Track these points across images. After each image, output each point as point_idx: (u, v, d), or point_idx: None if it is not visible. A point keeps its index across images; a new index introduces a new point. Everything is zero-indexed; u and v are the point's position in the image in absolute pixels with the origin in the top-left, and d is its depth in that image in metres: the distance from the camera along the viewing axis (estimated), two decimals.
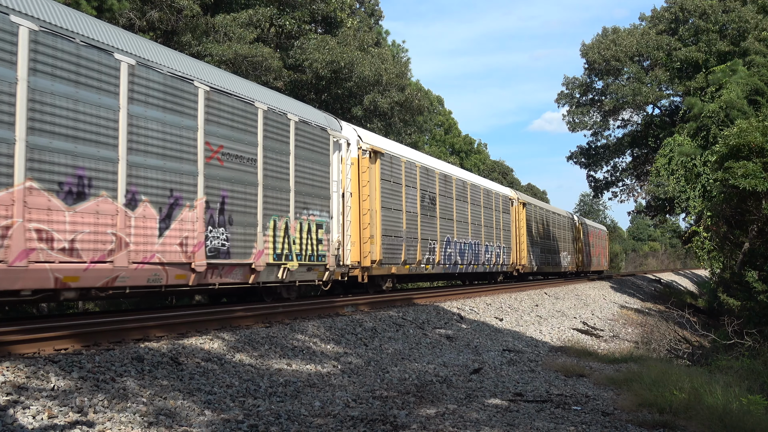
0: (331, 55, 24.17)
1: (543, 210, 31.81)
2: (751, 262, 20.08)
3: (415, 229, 16.98)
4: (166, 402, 5.52)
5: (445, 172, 19.70)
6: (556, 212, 34.92)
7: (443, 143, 53.27)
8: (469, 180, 21.95)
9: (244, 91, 10.94)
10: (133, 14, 18.56)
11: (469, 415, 6.33)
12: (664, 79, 36.12)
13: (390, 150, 16.01)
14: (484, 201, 22.88)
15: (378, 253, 14.79)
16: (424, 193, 17.70)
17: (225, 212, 10.17)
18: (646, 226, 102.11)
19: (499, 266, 23.77)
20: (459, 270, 20.08)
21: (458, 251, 19.95)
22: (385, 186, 15.42)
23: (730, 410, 6.92)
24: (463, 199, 20.81)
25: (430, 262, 17.83)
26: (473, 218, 21.64)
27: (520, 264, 26.37)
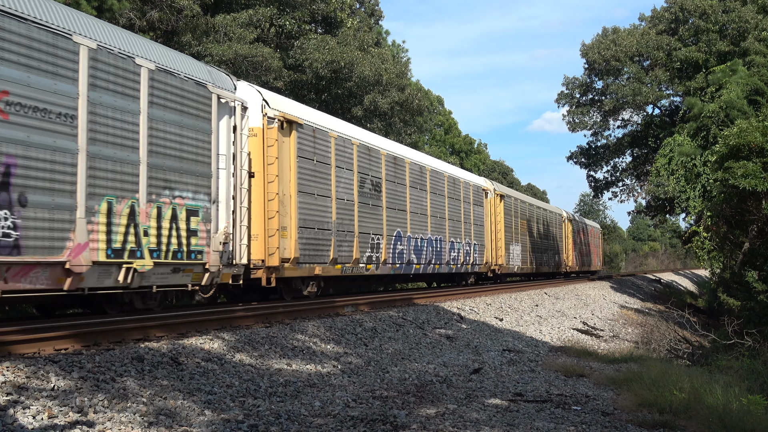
0: (331, 55, 24.18)
1: (526, 204, 28.90)
2: (751, 262, 20.09)
3: (351, 220, 14.11)
4: (166, 402, 5.52)
5: (394, 153, 16.61)
6: (542, 207, 32.39)
7: (443, 143, 53.28)
8: (428, 165, 18.89)
9: (53, 17, 7.77)
10: (133, 14, 18.56)
11: (469, 415, 6.33)
12: (664, 79, 36.13)
13: (312, 121, 13.09)
14: (450, 190, 20.09)
15: (293, 249, 11.92)
16: (364, 178, 14.75)
17: (11, 188, 7.12)
18: (646, 226, 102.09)
19: (468, 266, 21.05)
20: (415, 270, 17.30)
21: (413, 248, 17.18)
22: (306, 166, 12.53)
23: (730, 410, 6.92)
24: (420, 187, 17.91)
25: (373, 261, 14.90)
26: (434, 210, 18.84)
27: (496, 264, 23.64)
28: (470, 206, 21.73)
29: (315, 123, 13.21)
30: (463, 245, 20.69)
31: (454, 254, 20.04)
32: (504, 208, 24.75)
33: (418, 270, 17.51)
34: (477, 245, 21.95)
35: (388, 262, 15.71)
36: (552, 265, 32.77)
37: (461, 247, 20.58)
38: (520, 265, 26.80)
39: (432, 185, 18.83)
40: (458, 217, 20.57)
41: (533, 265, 29.05)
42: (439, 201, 19.22)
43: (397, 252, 16.24)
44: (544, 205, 33.69)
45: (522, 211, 27.80)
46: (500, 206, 24.45)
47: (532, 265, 28.79)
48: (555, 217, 34.56)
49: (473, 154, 57.62)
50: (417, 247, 17.46)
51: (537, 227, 30.28)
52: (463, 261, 20.59)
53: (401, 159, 17.03)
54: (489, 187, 23.93)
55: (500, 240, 24.10)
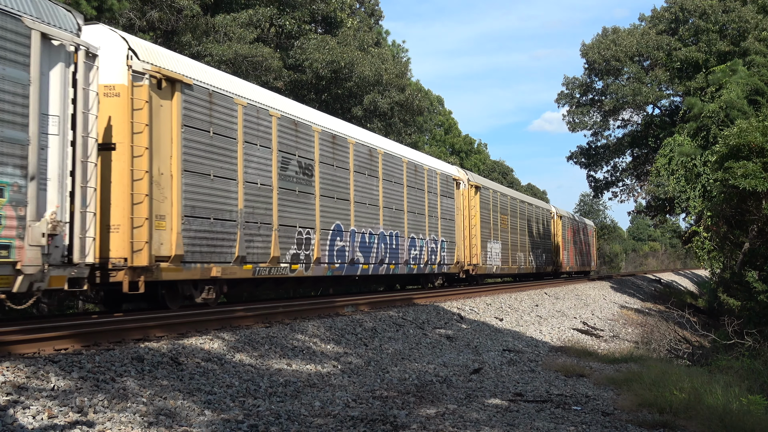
0: (331, 55, 24.18)
1: (507, 197, 26.20)
2: (751, 262, 20.09)
3: (268, 210, 11.50)
4: (166, 402, 5.52)
5: (333, 131, 13.90)
6: (527, 202, 29.90)
7: (443, 143, 53.30)
8: (380, 147, 15.99)
9: None
10: (133, 14, 18.57)
11: (469, 415, 6.33)
12: (664, 79, 36.13)
13: (208, 82, 10.38)
14: (411, 179, 17.44)
15: (174, 244, 9.32)
16: (288, 158, 12.16)
17: None
18: (646, 226, 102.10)
19: (434, 266, 18.49)
20: (362, 271, 14.70)
21: (359, 245, 14.55)
22: (197, 138, 9.92)
23: (730, 410, 6.92)
24: (369, 173, 15.25)
25: (300, 261, 12.35)
26: (389, 201, 16.14)
27: (470, 263, 21.10)
28: (437, 198, 19.07)
29: (213, 85, 10.46)
30: (427, 242, 18.11)
31: (415, 252, 17.41)
32: (480, 201, 22.22)
33: (366, 271, 14.80)
34: (446, 242, 19.39)
35: (323, 261, 13.09)
36: (539, 265, 30.52)
37: (425, 244, 17.97)
38: (500, 265, 24.25)
39: (386, 172, 16.12)
40: (421, 210, 17.95)
41: (516, 264, 26.61)
42: (395, 190, 16.53)
43: (336, 249, 13.61)
44: (530, 199, 31.30)
45: (503, 205, 25.26)
46: (476, 199, 21.87)
47: (515, 265, 26.35)
48: (543, 213, 32.32)
49: (473, 154, 57.63)
50: (364, 244, 14.77)
51: (521, 223, 27.77)
52: (427, 260, 17.98)
53: (342, 138, 14.23)
54: (461, 177, 21.27)
55: (475, 237, 21.53)
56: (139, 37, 13.00)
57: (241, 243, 10.80)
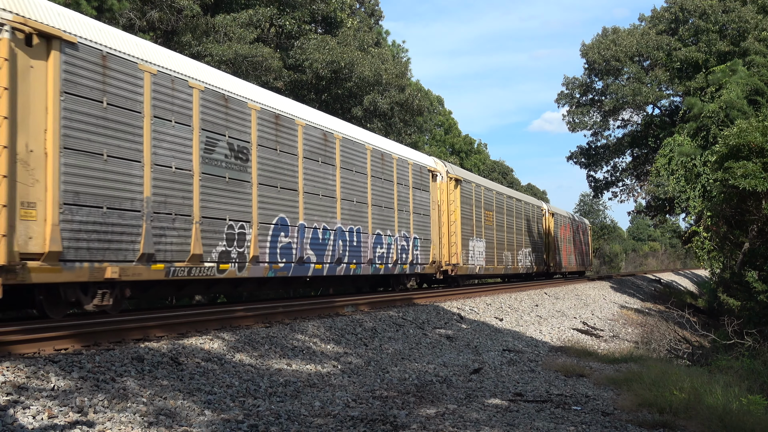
0: (331, 55, 24.19)
1: (492, 192, 24.28)
2: (751, 262, 20.10)
3: (186, 199, 9.62)
4: (166, 402, 5.52)
5: (275, 110, 11.95)
6: (515, 197, 27.87)
7: (443, 143, 53.32)
8: (338, 132, 14.05)
9: None
10: (133, 14, 18.57)
11: (469, 415, 6.33)
12: (664, 79, 36.14)
13: (101, 42, 8.58)
14: (377, 169, 15.53)
15: (48, 237, 7.59)
16: (215, 139, 10.28)
17: None
18: (646, 226, 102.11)
19: (406, 266, 16.59)
20: (314, 272, 12.85)
21: (310, 242, 12.63)
22: (82, 109, 8.16)
23: (730, 410, 6.92)
24: (323, 159, 13.32)
25: (232, 260, 10.53)
26: (349, 192, 14.22)
27: (449, 263, 19.31)
28: (408, 190, 17.10)
29: (108, 46, 8.62)
30: (396, 240, 16.12)
31: (382, 251, 15.44)
32: (461, 195, 20.40)
33: (319, 271, 12.97)
34: (419, 240, 17.47)
35: (262, 260, 11.27)
36: (529, 265, 28.81)
37: (393, 241, 15.94)
38: (484, 264, 22.42)
39: (345, 159, 14.17)
40: (389, 204, 15.94)
41: (503, 264, 24.97)
42: (356, 181, 14.60)
43: (280, 247, 11.77)
44: (518, 195, 29.47)
45: (487, 201, 23.45)
46: (455, 193, 20.01)
47: (501, 265, 24.61)
48: (533, 209, 30.48)
49: (473, 154, 57.65)
50: (317, 241, 12.92)
51: (508, 221, 26.09)
52: (396, 260, 16.01)
53: (288, 119, 12.30)
54: (438, 169, 19.33)
55: (455, 234, 19.70)
56: (139, 36, 12.99)
57: (148, 238, 8.95)
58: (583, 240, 42.43)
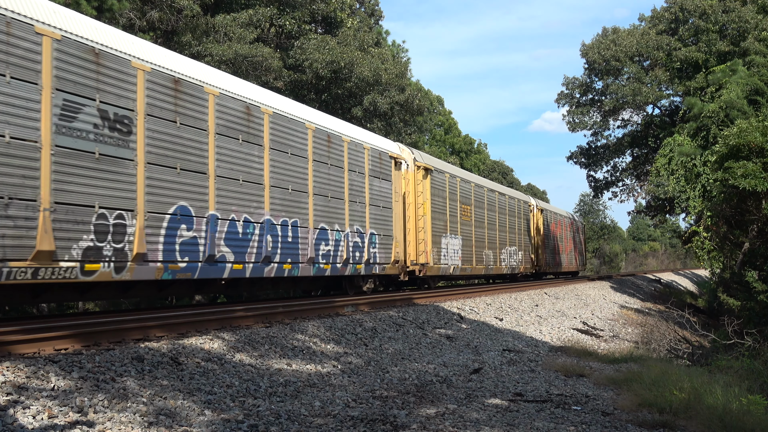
0: (331, 55, 24.20)
1: (470, 184, 22.28)
2: (751, 262, 20.10)
3: (31, 178, 7.60)
4: (166, 402, 5.52)
5: (174, 74, 9.81)
6: (497, 191, 25.70)
7: (443, 143, 53.34)
8: (267, 106, 11.76)
9: None
10: (133, 14, 18.57)
11: (469, 415, 6.33)
12: (664, 79, 36.16)
13: None
14: (320, 152, 13.26)
15: None
16: (78, 104, 8.25)
17: None
18: (646, 226, 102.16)
19: (360, 266, 14.42)
20: (231, 273, 10.59)
21: (226, 237, 10.48)
22: None
23: (730, 410, 6.92)
24: (246, 138, 11.07)
25: (105, 258, 8.48)
26: (281, 178, 11.97)
27: (417, 263, 17.08)
28: (364, 179, 14.90)
29: None
30: (347, 235, 13.98)
31: (328, 248, 13.28)
32: (432, 186, 18.29)
33: (240, 272, 10.80)
34: (378, 236, 15.27)
35: (152, 258, 9.19)
36: (514, 265, 26.83)
37: (343, 237, 13.81)
38: (460, 264, 20.42)
39: (277, 139, 11.92)
40: (338, 194, 13.83)
41: (483, 264, 22.86)
42: (293, 166, 12.41)
43: (180, 242, 9.64)
44: (502, 188, 27.28)
45: (464, 193, 21.39)
46: (425, 184, 17.86)
47: (481, 265, 22.55)
48: (519, 204, 28.18)
49: (473, 154, 57.68)
50: (235, 236, 10.71)
51: (490, 216, 24.06)
52: (347, 258, 13.88)
53: (194, 86, 10.07)
54: (404, 156, 17.12)
55: (424, 230, 17.49)
56: (139, 36, 12.98)
57: None
58: (577, 238, 40.64)
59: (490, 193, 24.54)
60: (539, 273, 31.50)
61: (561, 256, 35.32)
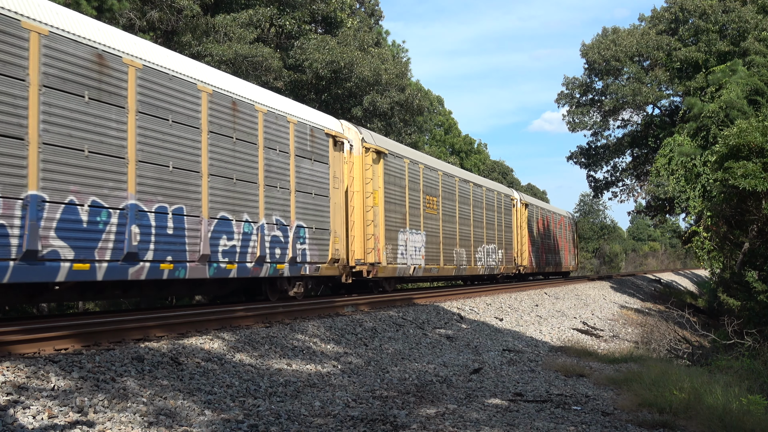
0: (331, 55, 24.20)
1: (438, 173, 19.61)
2: (751, 262, 20.10)
3: None
4: (166, 402, 5.52)
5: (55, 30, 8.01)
6: (472, 181, 22.92)
7: (443, 143, 53.35)
8: (131, 56, 9.15)
9: None
10: (133, 14, 18.57)
11: (469, 415, 6.33)
12: (664, 79, 36.15)
13: None
14: (219, 122, 10.57)
15: None
16: None
17: None
18: (646, 226, 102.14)
19: (283, 265, 11.76)
20: (71, 275, 8.06)
21: (59, 226, 7.95)
22: None
23: (730, 410, 6.92)
24: (99, 96, 8.58)
25: None
26: (156, 152, 9.43)
27: (365, 262, 14.65)
28: (288, 159, 12.14)
29: None
30: (262, 228, 11.28)
31: (232, 243, 10.62)
32: (386, 172, 15.77)
33: (84, 274, 8.23)
34: (309, 229, 12.69)
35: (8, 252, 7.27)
36: (493, 265, 24.04)
37: (256, 230, 11.18)
38: (424, 264, 17.85)
39: (149, 102, 9.32)
40: (249, 176, 11.08)
41: (454, 264, 20.33)
42: (177, 137, 9.77)
43: (18, 228, 7.47)
44: (477, 178, 24.25)
45: (430, 183, 18.81)
46: (376, 169, 15.31)
47: (451, 265, 20.04)
48: (499, 198, 25.36)
49: (473, 154, 57.69)
50: (77, 224, 8.20)
51: (463, 210, 21.52)
52: (261, 256, 11.19)
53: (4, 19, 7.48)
54: (348, 136, 14.63)
55: (373, 224, 14.94)
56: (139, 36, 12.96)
57: None
58: (567, 236, 37.99)
59: (464, 183, 21.99)
60: (523, 274, 28.85)
61: (549, 255, 32.77)
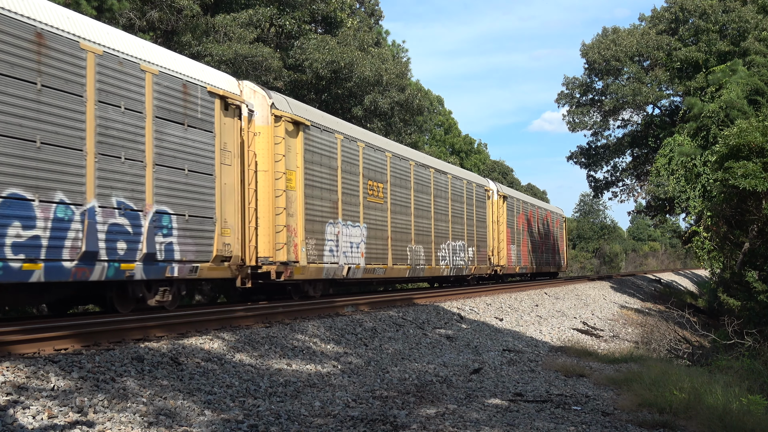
0: (331, 55, 24.18)
1: (386, 154, 16.52)
2: (751, 262, 20.10)
3: None
4: (166, 402, 5.52)
5: None
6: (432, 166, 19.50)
7: (443, 143, 53.35)
8: None
9: None
10: (133, 14, 18.57)
11: (469, 415, 6.33)
12: (664, 79, 36.14)
13: None
14: (36, 64, 7.76)
15: None
16: None
17: None
18: (646, 226, 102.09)
19: (132, 264, 8.86)
20: None
21: None
22: None
23: (730, 410, 6.92)
24: None
25: None
26: None
27: (273, 260, 11.85)
28: (144, 122, 9.27)
29: None
30: (92, 212, 8.35)
31: (31, 233, 7.57)
32: (308, 149, 12.93)
33: None
34: (178, 217, 9.78)
35: None
36: (461, 264, 20.95)
37: (81, 216, 8.20)
38: (363, 264, 14.90)
39: None
40: (67, 140, 8.08)
41: (408, 263, 17.28)
42: None
43: None
44: (440, 164, 20.80)
45: (373, 165, 15.75)
46: (293, 144, 12.44)
47: (403, 264, 16.99)
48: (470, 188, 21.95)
49: (473, 154, 57.68)
50: None
51: (421, 199, 18.30)
52: (91, 253, 8.26)
53: None
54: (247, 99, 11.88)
55: (289, 213, 12.20)
56: (139, 36, 12.96)
57: None
58: (555, 234, 34.81)
59: (422, 169, 18.40)
60: (501, 275, 25.63)
61: (532, 255, 29.83)
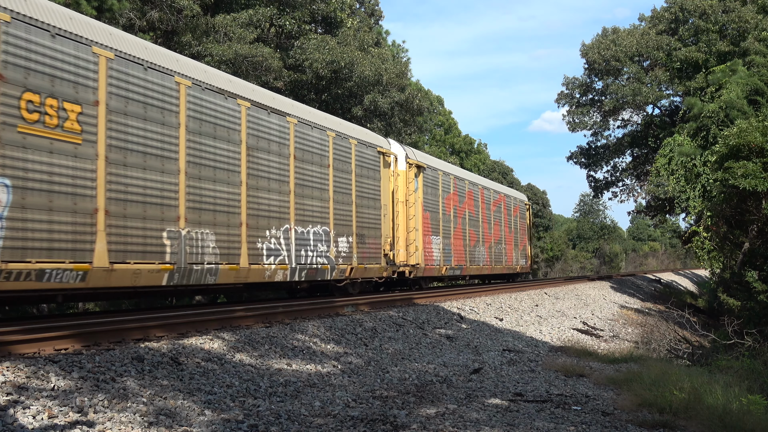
0: (331, 55, 24.18)
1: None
2: (751, 262, 20.10)
3: None
4: (166, 402, 5.52)
5: None
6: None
7: (443, 143, 53.34)
8: None
9: None
10: (133, 14, 18.57)
11: (469, 415, 6.33)
12: (664, 79, 36.14)
13: None
14: None
15: None
16: None
17: None
18: (646, 226, 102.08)
19: None
20: None
21: None
22: None
23: (730, 410, 6.92)
24: None
25: None
26: None
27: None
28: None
29: None
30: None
31: None
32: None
33: None
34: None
35: None
36: (318, 263, 13.17)
37: None
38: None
39: None
40: None
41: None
42: None
43: None
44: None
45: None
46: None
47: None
48: (344, 146, 14.19)
49: (473, 154, 57.67)
50: None
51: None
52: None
53: None
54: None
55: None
56: (140, 36, 12.94)
57: None
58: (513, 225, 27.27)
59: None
60: (412, 278, 18.00)
61: (477, 251, 22.77)
